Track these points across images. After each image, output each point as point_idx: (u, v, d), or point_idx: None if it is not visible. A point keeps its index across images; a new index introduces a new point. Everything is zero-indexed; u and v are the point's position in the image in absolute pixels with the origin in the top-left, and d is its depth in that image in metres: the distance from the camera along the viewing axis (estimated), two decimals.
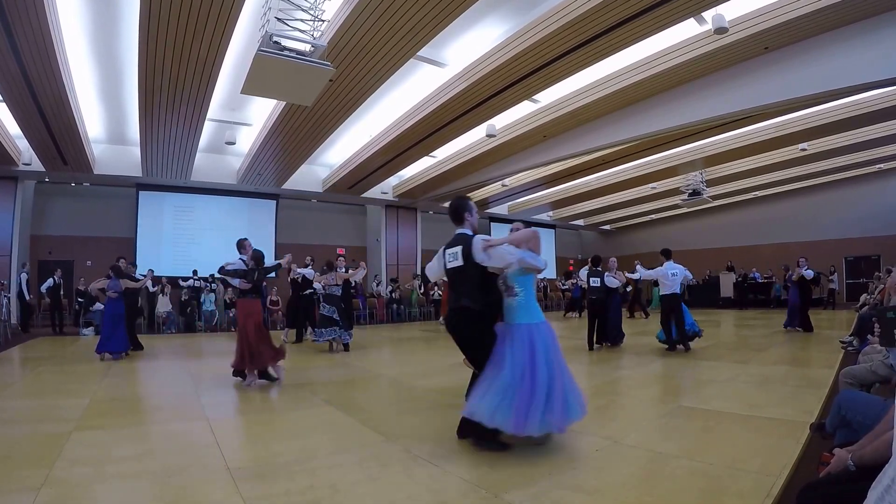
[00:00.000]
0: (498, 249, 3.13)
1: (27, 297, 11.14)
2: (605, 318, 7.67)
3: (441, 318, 14.48)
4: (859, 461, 1.68)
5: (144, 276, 9.08)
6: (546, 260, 3.34)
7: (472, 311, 3.15)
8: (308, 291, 9.30)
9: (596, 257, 8.27)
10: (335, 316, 7.88)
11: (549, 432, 2.97)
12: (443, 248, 3.37)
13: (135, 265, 9.33)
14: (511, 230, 3.67)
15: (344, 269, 8.25)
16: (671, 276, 7.24)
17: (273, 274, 6.01)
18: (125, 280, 7.49)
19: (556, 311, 18.19)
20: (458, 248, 3.20)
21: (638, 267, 8.10)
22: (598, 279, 7.69)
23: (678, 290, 7.30)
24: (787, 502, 2.21)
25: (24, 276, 11.12)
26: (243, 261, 5.62)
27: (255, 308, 5.52)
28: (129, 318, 7.76)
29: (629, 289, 12.93)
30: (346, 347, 8.06)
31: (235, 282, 5.49)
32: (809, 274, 9.21)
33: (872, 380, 3.11)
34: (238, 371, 5.40)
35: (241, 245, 5.80)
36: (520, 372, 2.94)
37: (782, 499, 2.27)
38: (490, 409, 2.88)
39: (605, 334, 7.71)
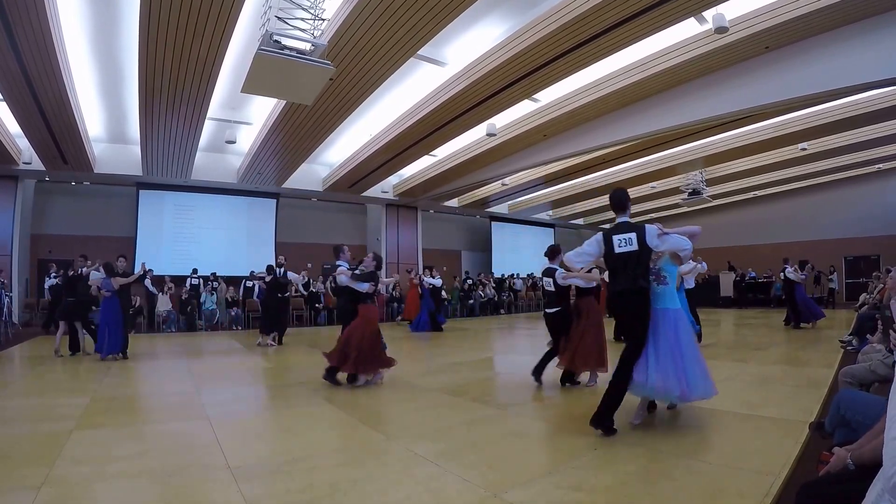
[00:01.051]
0: (673, 237, 3.46)
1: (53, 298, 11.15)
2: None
3: (400, 318, 14.02)
4: (858, 460, 1.68)
5: (136, 272, 8.78)
6: None
7: (646, 290, 3.47)
8: (287, 294, 9.02)
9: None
10: None
11: (691, 400, 3.46)
12: (601, 234, 3.58)
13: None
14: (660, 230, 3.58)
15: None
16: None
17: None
18: (117, 279, 7.33)
19: None
20: (633, 234, 3.45)
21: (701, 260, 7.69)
22: None
23: None
24: (786, 501, 2.21)
25: (54, 277, 11.09)
26: (345, 266, 5.45)
27: (375, 315, 5.41)
28: (125, 318, 7.54)
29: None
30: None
31: (363, 286, 5.29)
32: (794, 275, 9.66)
33: (872, 379, 3.12)
34: (333, 370, 5.14)
35: (340, 250, 5.65)
36: (678, 349, 3.37)
37: (782, 498, 2.28)
38: (664, 382, 3.28)
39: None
